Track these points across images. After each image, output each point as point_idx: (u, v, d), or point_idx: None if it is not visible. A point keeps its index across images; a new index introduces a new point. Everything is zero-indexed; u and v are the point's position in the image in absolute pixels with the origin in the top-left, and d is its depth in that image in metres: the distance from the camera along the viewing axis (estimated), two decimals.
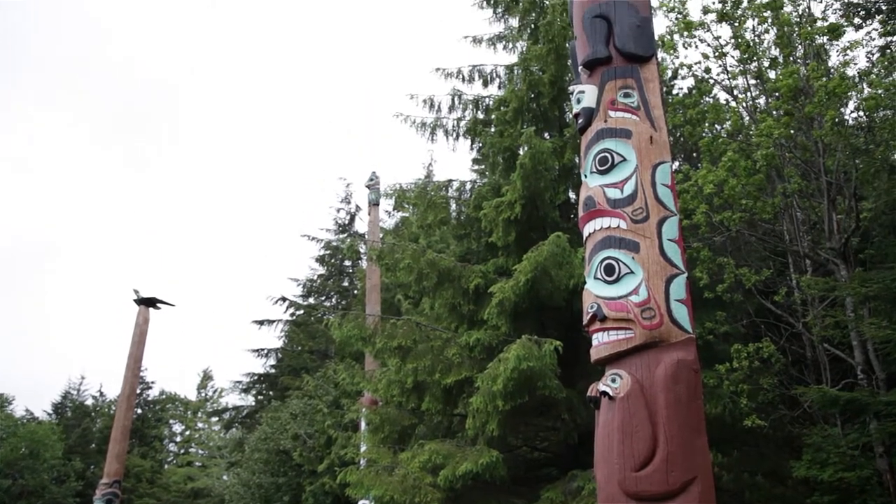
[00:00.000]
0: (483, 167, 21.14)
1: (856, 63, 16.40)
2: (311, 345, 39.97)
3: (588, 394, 7.11)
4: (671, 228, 7.34)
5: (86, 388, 54.05)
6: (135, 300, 27.96)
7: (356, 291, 38.95)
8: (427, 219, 16.67)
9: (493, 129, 16.57)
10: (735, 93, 17.41)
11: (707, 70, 16.97)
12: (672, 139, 16.71)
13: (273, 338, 53.09)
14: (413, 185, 17.56)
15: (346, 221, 44.37)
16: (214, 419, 57.68)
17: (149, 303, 28.15)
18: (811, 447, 13.47)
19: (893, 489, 12.94)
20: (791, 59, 15.92)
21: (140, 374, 35.56)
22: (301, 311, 40.81)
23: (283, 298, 39.31)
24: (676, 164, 19.78)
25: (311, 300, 42.88)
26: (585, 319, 7.27)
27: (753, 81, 17.18)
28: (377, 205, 25.85)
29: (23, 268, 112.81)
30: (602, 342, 7.06)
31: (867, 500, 12.87)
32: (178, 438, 63.95)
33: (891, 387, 13.89)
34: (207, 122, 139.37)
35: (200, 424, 64.48)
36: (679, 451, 6.39)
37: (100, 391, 54.61)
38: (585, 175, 7.93)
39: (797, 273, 16.73)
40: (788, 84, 14.15)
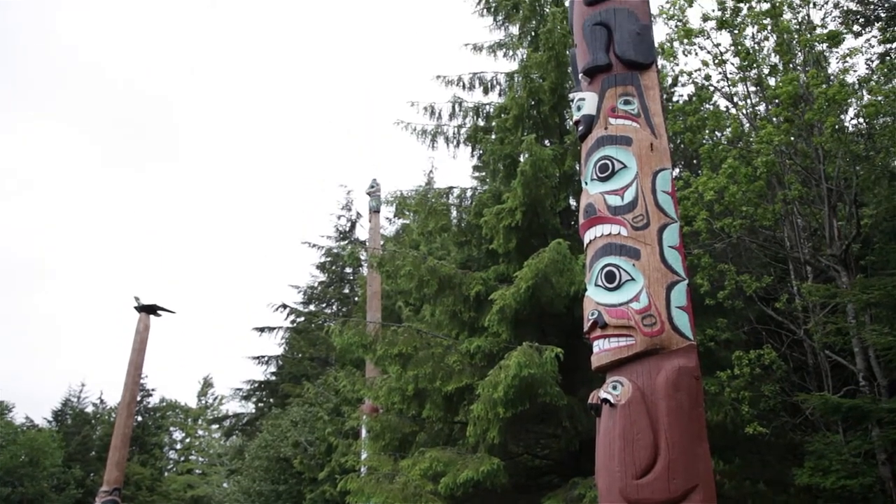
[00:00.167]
0: (484, 174, 21.17)
1: (855, 70, 16.45)
2: (312, 352, 39.93)
3: (589, 401, 7.09)
4: (672, 235, 7.34)
5: (86, 396, 54.14)
6: (135, 307, 27.93)
7: (357, 298, 38.91)
8: (428, 226, 16.68)
9: (494, 137, 16.59)
10: (735, 100, 17.46)
11: (707, 77, 17.01)
12: (672, 146, 16.75)
13: (274, 345, 52.96)
14: (414, 193, 17.58)
15: (347, 228, 44.41)
16: (215, 427, 57.66)
17: (149, 310, 28.11)
18: (813, 454, 13.43)
19: None
20: (791, 67, 15.95)
21: (140, 382, 35.53)
22: (302, 319, 40.79)
23: (284, 305, 38.90)
24: (677, 171, 19.80)
25: (312, 307, 42.88)
26: (586, 326, 7.26)
27: (753, 88, 17.23)
28: (378, 212, 25.87)
29: (23, 274, 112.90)
30: (603, 349, 7.05)
31: None
32: (179, 446, 63.89)
33: (893, 394, 13.87)
34: (207, 127, 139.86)
35: (201, 432, 64.42)
36: (680, 459, 6.38)
37: (100, 398, 54.71)
38: (586, 182, 7.94)
39: (798, 280, 16.72)
40: (788, 91, 14.18)
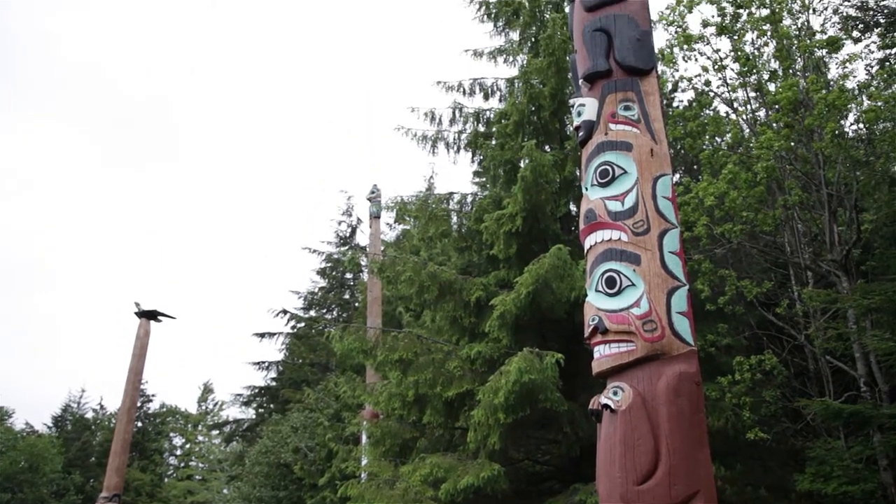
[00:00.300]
0: (484, 180, 21.18)
1: (855, 76, 16.55)
2: (312, 357, 39.89)
3: (590, 406, 7.09)
4: (672, 241, 7.35)
5: (86, 401, 54.07)
6: (136, 313, 27.98)
7: (357, 304, 38.90)
8: (428, 231, 16.70)
9: (494, 142, 16.62)
10: (735, 105, 17.48)
11: (707, 83, 17.04)
12: (672, 151, 16.76)
13: (274, 350, 53.13)
14: (414, 198, 17.60)
15: (348, 234, 44.43)
16: (215, 432, 57.54)
17: (150, 315, 28.16)
18: (815, 460, 13.40)
19: None
20: (790, 72, 15.98)
21: (140, 387, 35.51)
22: (302, 324, 40.79)
23: (284, 311, 39.34)
24: (677, 177, 19.81)
25: (313, 313, 42.85)
26: (587, 332, 7.26)
27: (753, 94, 17.25)
28: (378, 217, 25.91)
29: (23, 278, 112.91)
30: (603, 355, 7.05)
31: None
32: (179, 452, 63.79)
33: (894, 399, 13.84)
34: (207, 127, 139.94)
35: (201, 438, 64.32)
36: (681, 465, 6.37)
37: (100, 404, 54.61)
38: (586, 188, 7.95)
39: (799, 285, 16.72)
40: (788, 97, 14.21)
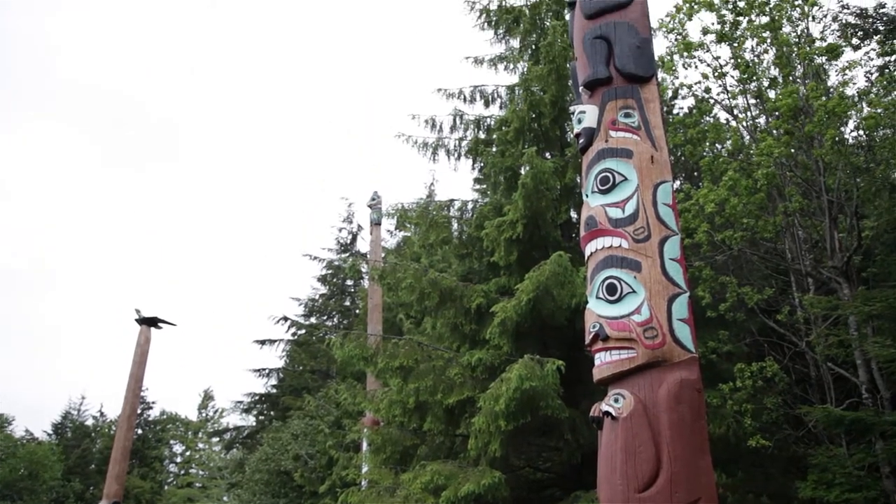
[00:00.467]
0: (484, 187, 21.20)
1: (855, 82, 16.58)
2: (313, 364, 39.84)
3: (591, 414, 7.08)
4: (673, 247, 7.35)
5: (86, 409, 54.01)
6: (136, 320, 27.94)
7: (358, 311, 38.89)
8: (429, 238, 16.70)
9: (495, 149, 16.63)
10: (735, 112, 17.52)
11: (707, 90, 17.08)
12: (673, 158, 16.78)
13: (274, 357, 53.04)
14: (415, 205, 17.62)
15: (348, 241, 44.45)
16: (215, 439, 57.48)
17: (150, 322, 28.13)
18: (817, 467, 13.35)
19: None
20: (790, 79, 16.01)
21: (141, 395, 35.42)
22: (303, 331, 40.69)
23: (285, 318, 38.96)
24: (677, 184, 19.84)
25: (313, 320, 42.81)
26: (587, 339, 7.26)
27: (753, 101, 17.29)
28: (379, 224, 25.91)
29: (23, 286, 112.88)
30: (604, 362, 7.04)
31: None
32: (179, 459, 63.61)
33: None
34: (207, 131, 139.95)
35: (201, 445, 64.17)
36: (683, 472, 6.35)
37: (100, 411, 54.56)
38: (587, 194, 7.96)
39: (800, 292, 16.71)
40: (788, 103, 14.23)
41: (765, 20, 15.89)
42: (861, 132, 16.48)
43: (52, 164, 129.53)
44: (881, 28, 16.97)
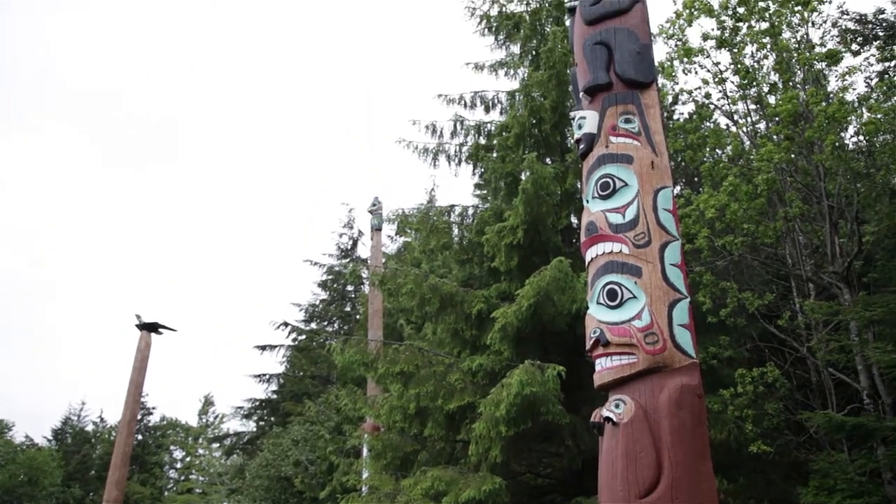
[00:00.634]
0: (485, 192, 21.22)
1: (854, 88, 16.60)
2: (313, 370, 39.81)
3: (592, 419, 7.06)
4: (673, 253, 7.35)
5: (86, 414, 54.02)
6: (137, 325, 27.95)
7: (358, 316, 38.86)
8: (429, 244, 16.72)
9: (495, 155, 16.67)
10: (735, 118, 17.54)
11: (707, 95, 17.10)
12: (673, 164, 16.78)
13: (275, 363, 52.83)
14: (415, 211, 17.64)
15: (349, 246, 44.48)
16: (215, 445, 57.30)
17: (151, 328, 28.13)
18: (818, 473, 13.31)
19: None
20: (790, 85, 16.04)
21: (141, 400, 35.39)
22: (303, 337, 40.71)
23: (286, 323, 38.96)
24: (678, 189, 19.85)
25: (314, 325, 42.80)
26: (588, 344, 7.25)
27: (753, 106, 17.31)
28: (380, 230, 25.95)
29: (24, 292, 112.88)
30: (605, 367, 7.03)
31: None
32: (179, 465, 63.49)
33: None
34: (207, 131, 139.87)
35: (201, 451, 64.03)
36: (684, 478, 6.33)
37: (100, 417, 54.55)
38: (587, 200, 7.96)
39: (800, 297, 16.69)
40: (788, 109, 14.26)
41: (765, 26, 15.93)
42: (861, 137, 16.50)
43: (52, 165, 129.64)
44: (881, 34, 17.01)
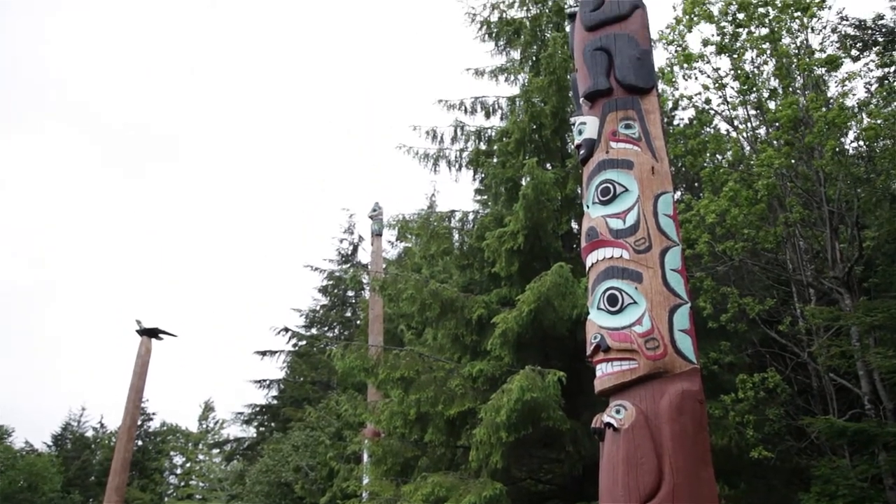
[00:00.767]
0: (486, 198, 21.25)
1: (854, 94, 16.60)
2: (314, 376, 39.76)
3: (592, 425, 7.06)
4: (674, 258, 7.36)
5: (86, 420, 53.91)
6: (137, 331, 27.92)
7: (359, 322, 38.85)
8: (430, 249, 16.72)
9: (496, 160, 16.67)
10: (735, 123, 17.58)
11: (707, 101, 17.14)
12: (673, 169, 16.82)
13: (275, 369, 52.82)
14: (416, 216, 17.64)
15: (349, 252, 44.48)
16: (215, 451, 57.20)
17: (151, 333, 28.10)
18: (820, 479, 13.28)
19: None
20: (790, 90, 16.07)
21: (141, 406, 35.34)
22: (303, 342, 40.67)
23: (286, 329, 38.93)
24: (678, 194, 19.86)
25: (314, 331, 42.77)
26: (589, 350, 7.24)
27: (753, 112, 17.35)
28: (380, 235, 25.95)
29: (24, 297, 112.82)
30: (606, 373, 7.03)
31: None
32: (179, 471, 63.30)
33: None
34: (207, 132, 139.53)
35: (201, 456, 63.85)
36: (685, 483, 6.32)
37: (100, 423, 54.45)
38: (588, 205, 7.97)
39: (801, 302, 16.69)
40: (788, 114, 14.28)
41: (764, 32, 15.97)
42: (861, 143, 16.54)
43: (51, 166, 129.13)
44: (880, 39, 17.04)
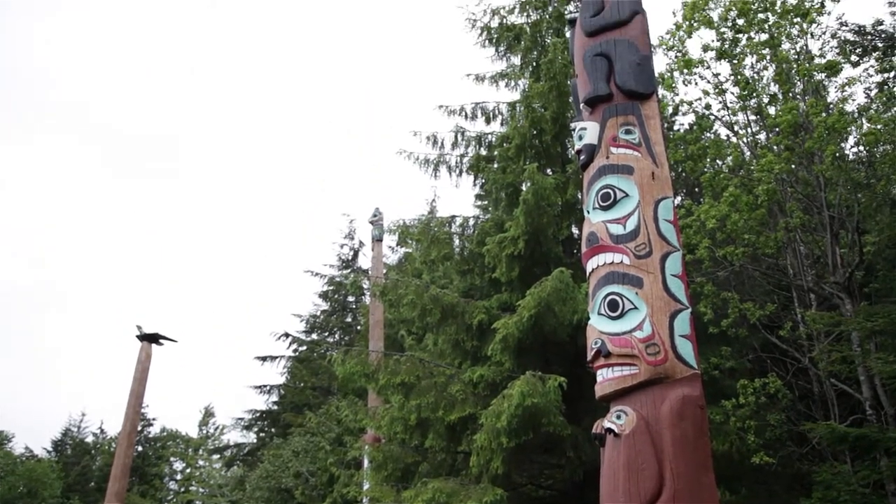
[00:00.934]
0: (486, 203, 21.24)
1: (854, 99, 16.62)
2: (314, 381, 39.71)
3: (593, 431, 7.04)
4: (674, 264, 7.35)
5: (86, 426, 53.82)
6: (137, 336, 27.91)
7: (359, 327, 38.82)
8: (430, 254, 16.72)
9: (496, 166, 16.69)
10: (735, 128, 17.61)
11: (707, 106, 17.17)
12: (674, 175, 16.84)
13: (275, 374, 52.71)
14: (416, 221, 17.65)
15: (350, 257, 44.49)
16: (216, 457, 57.07)
17: (151, 339, 28.08)
18: (821, 485, 13.26)
19: None
20: (790, 96, 16.11)
21: (141, 411, 35.30)
22: (304, 348, 40.64)
23: (286, 334, 39.05)
24: (678, 200, 19.88)
25: (315, 336, 42.74)
26: (589, 355, 7.23)
27: (753, 117, 17.37)
28: (380, 240, 25.95)
29: (24, 303, 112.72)
30: (607, 378, 7.01)
31: None
32: (179, 476, 63.15)
33: None
34: (207, 133, 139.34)
35: (201, 462, 63.71)
36: (686, 489, 6.31)
37: (100, 428, 54.35)
38: (588, 211, 7.97)
39: (802, 307, 16.68)
40: (788, 120, 14.31)
41: (764, 37, 16.01)
42: (861, 148, 16.56)
43: (50, 170, 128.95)
44: (879, 45, 17.08)
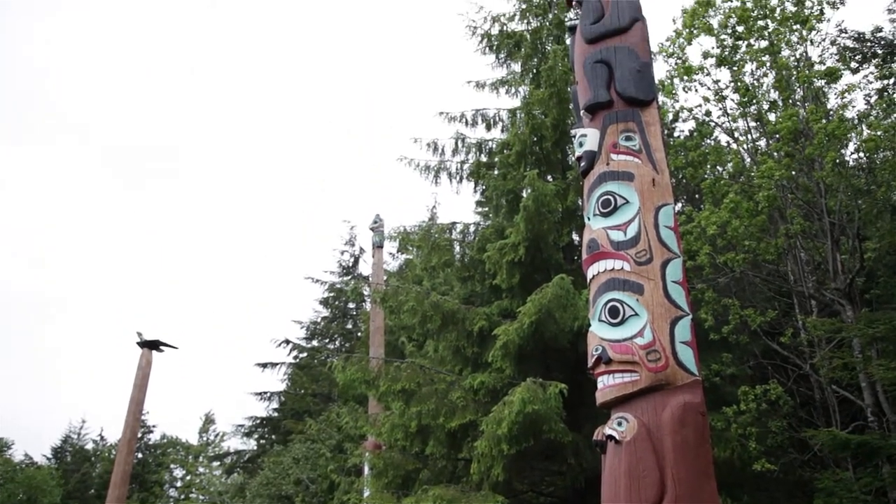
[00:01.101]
0: (486, 209, 21.28)
1: (854, 105, 16.64)
2: (315, 388, 39.64)
3: (594, 437, 7.02)
4: (675, 270, 7.35)
5: (86, 432, 53.69)
6: (138, 343, 27.87)
7: (360, 334, 38.78)
8: (431, 261, 16.73)
9: (497, 172, 16.71)
10: (736, 135, 17.64)
11: (707, 113, 17.22)
12: (674, 181, 16.85)
13: (276, 381, 52.65)
14: (417, 228, 17.67)
15: (350, 264, 44.48)
16: (216, 464, 56.96)
17: (152, 345, 28.04)
18: (823, 492, 13.22)
19: None
20: (790, 102, 16.13)
21: (141, 418, 35.26)
22: (304, 354, 40.55)
23: (287, 341, 38.85)
24: (679, 206, 19.89)
25: (315, 343, 42.68)
26: (590, 362, 7.23)
27: (754, 124, 17.41)
28: (381, 247, 25.94)
29: (24, 309, 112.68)
30: (607, 385, 7.00)
31: None
32: (179, 483, 63.01)
33: None
34: (207, 133, 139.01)
35: (201, 469, 63.58)
36: (687, 496, 6.29)
37: (100, 435, 54.23)
38: (588, 217, 7.98)
39: (803, 314, 16.66)
40: (788, 126, 14.33)
41: (764, 44, 16.06)
42: (861, 154, 16.58)
43: (50, 172, 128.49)
44: (879, 51, 17.11)
